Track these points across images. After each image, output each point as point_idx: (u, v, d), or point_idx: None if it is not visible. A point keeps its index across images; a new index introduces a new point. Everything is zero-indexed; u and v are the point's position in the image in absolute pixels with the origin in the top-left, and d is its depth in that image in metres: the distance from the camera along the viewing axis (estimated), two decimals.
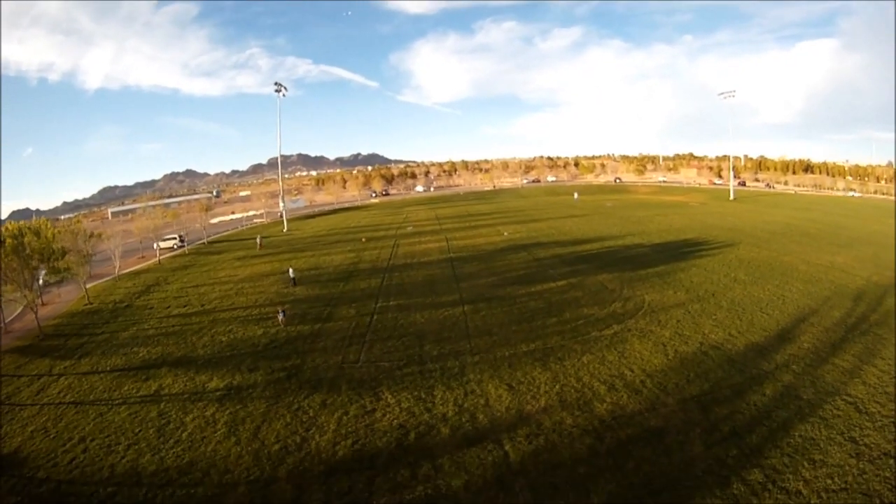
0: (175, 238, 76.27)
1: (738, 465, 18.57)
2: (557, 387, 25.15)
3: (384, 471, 19.32)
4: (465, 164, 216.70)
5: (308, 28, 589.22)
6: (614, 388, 24.76)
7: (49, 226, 46.34)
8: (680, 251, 56.60)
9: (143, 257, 67.81)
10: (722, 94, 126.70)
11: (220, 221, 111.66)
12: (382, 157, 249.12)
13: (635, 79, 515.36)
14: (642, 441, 20.35)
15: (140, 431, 22.99)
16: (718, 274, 45.90)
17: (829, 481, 17.44)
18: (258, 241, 74.30)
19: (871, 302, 37.45)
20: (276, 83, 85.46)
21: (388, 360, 29.42)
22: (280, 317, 35.90)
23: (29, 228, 44.37)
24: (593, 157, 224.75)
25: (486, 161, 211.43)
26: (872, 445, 19.31)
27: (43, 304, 44.40)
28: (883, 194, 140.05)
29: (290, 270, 50.47)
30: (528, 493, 17.48)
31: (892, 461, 18.30)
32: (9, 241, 39.12)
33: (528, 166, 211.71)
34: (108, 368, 30.38)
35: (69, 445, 21.93)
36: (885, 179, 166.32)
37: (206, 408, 24.96)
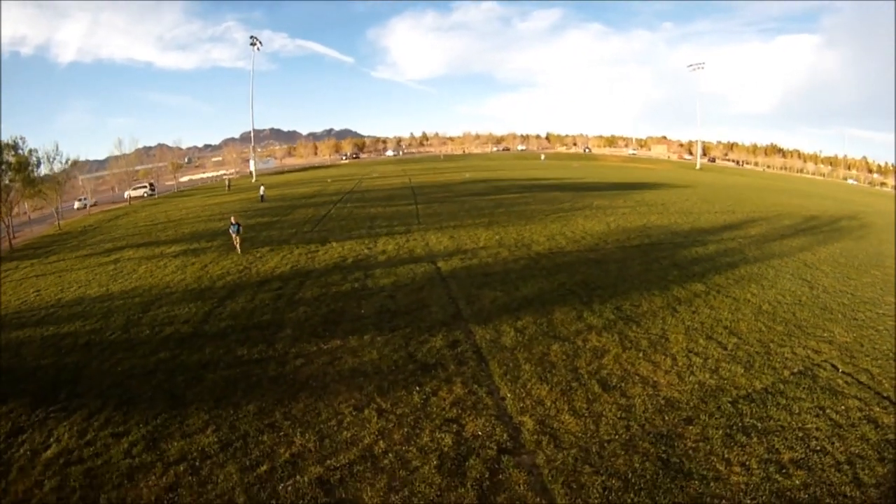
0: (146, 187, 75.71)
1: (680, 280, 19.56)
2: (497, 237, 26.50)
3: (317, 278, 20.50)
4: (437, 136, 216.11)
5: (285, 1, 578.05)
6: (553, 239, 26.22)
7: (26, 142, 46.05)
8: (638, 187, 58.63)
9: (114, 202, 67.51)
10: (691, 65, 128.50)
11: (191, 180, 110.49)
12: (355, 133, 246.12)
13: (613, 63, 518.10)
14: (579, 263, 21.74)
15: (93, 278, 23.65)
16: (676, 198, 47.37)
17: (779, 297, 18.14)
18: (227, 183, 74.05)
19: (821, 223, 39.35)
20: (251, 37, 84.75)
21: (339, 230, 30.57)
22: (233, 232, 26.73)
23: (7, 144, 43.77)
24: (566, 136, 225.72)
25: (459, 137, 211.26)
26: (829, 287, 19.93)
27: (14, 237, 44.19)
28: (882, 185, 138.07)
29: (262, 188, 50.92)
30: (456, 287, 18.65)
31: (846, 297, 18.83)
32: None
33: (498, 139, 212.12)
34: (73, 256, 30.71)
35: (22, 295, 22.06)
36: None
37: (160, 260, 25.75)
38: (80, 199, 67.18)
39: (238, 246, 25.50)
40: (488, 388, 11.31)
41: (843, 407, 10.67)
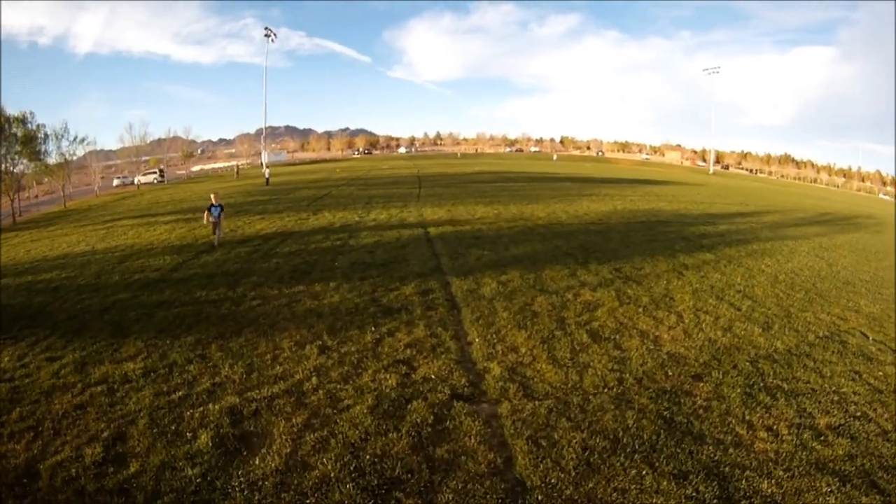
0: (155, 173, 76.04)
1: (687, 250, 18.05)
2: (496, 212, 25.32)
3: (300, 238, 19.67)
4: (451, 137, 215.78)
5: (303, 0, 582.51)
6: (554, 214, 24.97)
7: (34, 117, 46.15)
8: (649, 182, 57.95)
9: (123, 186, 67.73)
10: (707, 69, 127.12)
11: (202, 169, 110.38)
12: (370, 133, 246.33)
13: (628, 70, 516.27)
14: (578, 233, 20.47)
15: (83, 240, 23.40)
16: (688, 192, 46.73)
17: (797, 269, 16.81)
18: (236, 170, 73.75)
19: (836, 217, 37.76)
20: (265, 28, 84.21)
21: (335, 205, 29.83)
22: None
23: (16, 118, 43.88)
24: (579, 140, 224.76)
25: (472, 138, 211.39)
26: (848, 266, 18.77)
27: (20, 215, 44.10)
28: None
29: (266, 171, 50.32)
30: (442, 247, 17.54)
31: (867, 275, 17.53)
32: None
33: (511, 142, 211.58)
34: (71, 227, 30.53)
35: (13, 254, 21.93)
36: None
37: (151, 227, 25.32)
38: (118, 178, 67.94)
39: (217, 235, 18.85)
40: (454, 332, 10.00)
41: (880, 373, 9.15)
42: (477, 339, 9.64)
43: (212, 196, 19.41)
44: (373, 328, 10.16)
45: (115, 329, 10.66)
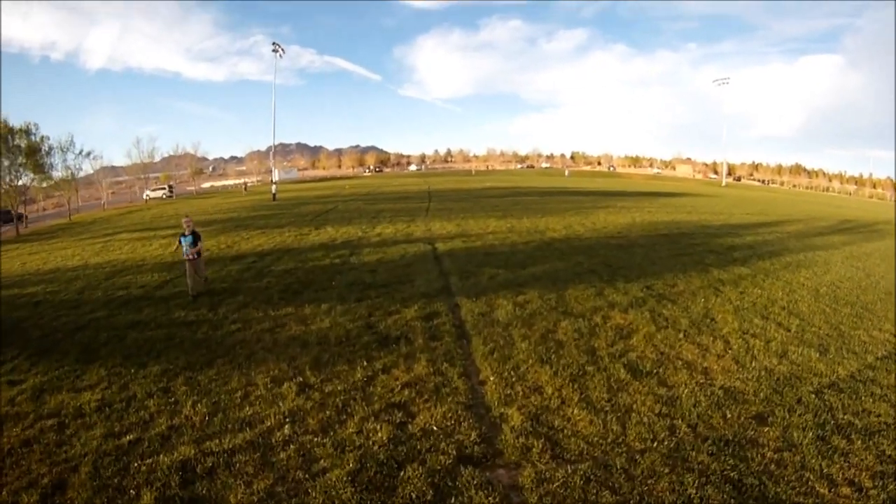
0: (164, 189, 75.71)
1: (719, 264, 16.33)
2: (508, 226, 23.84)
3: (298, 254, 18.43)
4: (462, 153, 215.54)
5: (313, 18, 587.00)
6: (570, 228, 23.45)
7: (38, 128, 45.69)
8: (665, 194, 56.50)
9: (131, 202, 67.32)
10: (716, 80, 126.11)
11: (212, 186, 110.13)
12: (380, 150, 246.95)
13: (637, 84, 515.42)
14: (599, 247, 18.86)
15: (78, 254, 22.56)
16: (705, 203, 45.18)
17: (837, 281, 15.27)
18: (244, 186, 73.27)
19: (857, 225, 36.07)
20: (273, 43, 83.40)
21: (340, 220, 28.57)
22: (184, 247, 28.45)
23: (20, 129, 43.48)
24: (590, 156, 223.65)
25: (483, 155, 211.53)
26: (886, 275, 17.24)
27: (26, 228, 43.51)
28: None
29: (274, 186, 49.48)
30: (451, 264, 16.02)
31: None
32: None
33: (522, 158, 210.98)
34: (71, 240, 29.73)
35: (6, 266, 21.34)
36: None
37: (148, 241, 24.37)
38: (153, 189, 69.38)
39: (191, 281, 12.98)
40: (463, 368, 8.40)
41: None
42: (491, 378, 8.03)
43: (183, 222, 13.36)
44: (365, 362, 8.63)
45: (82, 351, 9.70)
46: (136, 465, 5.96)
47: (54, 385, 8.26)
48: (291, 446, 6.25)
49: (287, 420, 6.84)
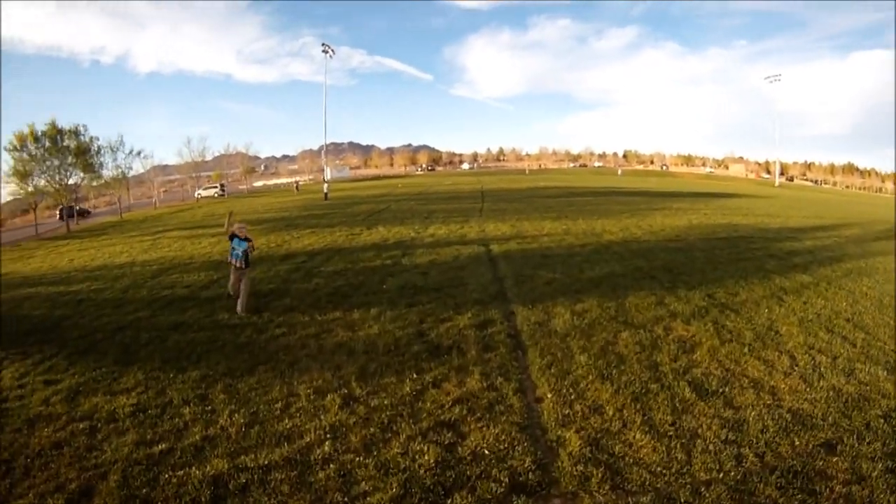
0: (216, 187, 77.51)
1: (780, 270, 15.24)
2: (564, 227, 22.86)
3: (349, 254, 17.98)
4: (514, 152, 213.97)
5: (362, 19, 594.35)
6: (627, 230, 22.21)
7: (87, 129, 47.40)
8: (719, 196, 53.35)
9: (183, 200, 69.41)
10: (768, 77, 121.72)
11: (265, 185, 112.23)
12: (432, 148, 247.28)
13: (688, 82, 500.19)
14: (658, 250, 17.70)
15: (126, 251, 22.98)
16: (760, 204, 42.74)
17: None
18: (296, 185, 74.22)
19: None
20: (323, 44, 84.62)
21: (392, 220, 28.23)
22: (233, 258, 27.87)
23: (69, 130, 45.11)
24: (643, 154, 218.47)
25: (535, 153, 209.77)
26: None
27: (77, 224, 45.25)
28: None
29: (326, 185, 49.81)
30: (506, 267, 15.23)
31: None
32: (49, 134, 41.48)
33: (575, 157, 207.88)
34: (121, 237, 30.56)
35: (55, 262, 22.05)
36: None
37: (197, 239, 24.72)
38: (205, 188, 72.83)
39: (239, 293, 11.54)
40: (519, 383, 7.65)
41: None
42: (548, 395, 7.29)
43: (236, 227, 11.56)
44: (414, 374, 7.98)
45: (121, 353, 9.50)
46: (166, 476, 5.60)
47: (90, 387, 8.08)
48: (331, 465, 5.72)
49: (328, 436, 6.31)
